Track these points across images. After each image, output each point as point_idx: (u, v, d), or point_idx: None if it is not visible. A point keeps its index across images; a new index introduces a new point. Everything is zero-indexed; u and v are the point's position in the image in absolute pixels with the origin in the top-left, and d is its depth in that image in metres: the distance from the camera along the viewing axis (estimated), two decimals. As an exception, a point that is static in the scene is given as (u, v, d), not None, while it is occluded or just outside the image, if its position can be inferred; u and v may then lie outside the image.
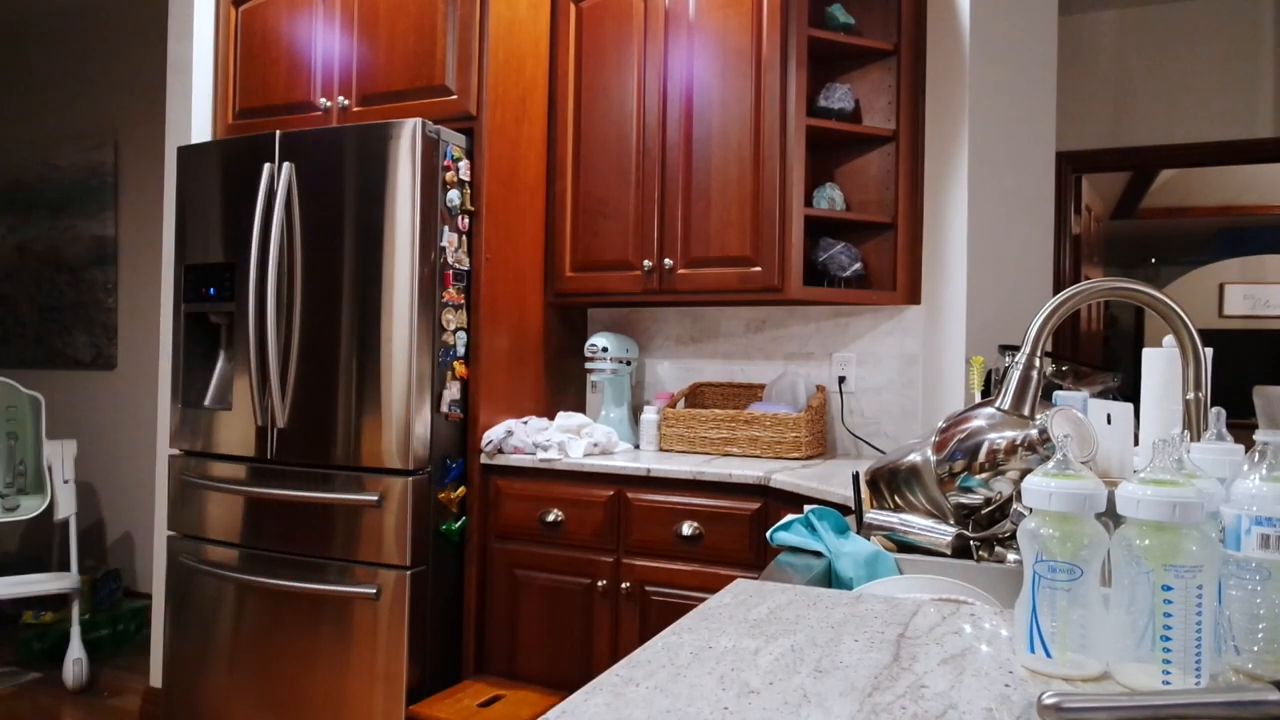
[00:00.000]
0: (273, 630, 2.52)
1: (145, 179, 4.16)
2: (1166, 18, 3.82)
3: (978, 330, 2.58)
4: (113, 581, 3.89)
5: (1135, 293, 1.12)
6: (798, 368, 2.88)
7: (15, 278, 4.54)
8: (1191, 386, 1.10)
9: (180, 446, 2.72)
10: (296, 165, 2.52)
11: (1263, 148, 3.74)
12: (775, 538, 1.39)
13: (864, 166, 2.75)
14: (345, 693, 2.41)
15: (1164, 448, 0.78)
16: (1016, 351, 1.10)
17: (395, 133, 2.41)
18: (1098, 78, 3.92)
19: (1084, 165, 4.02)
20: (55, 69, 4.51)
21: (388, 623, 2.37)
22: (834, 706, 0.72)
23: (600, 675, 0.80)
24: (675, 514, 2.34)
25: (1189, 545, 0.74)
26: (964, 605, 1.02)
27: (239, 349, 2.58)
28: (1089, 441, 1.22)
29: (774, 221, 2.51)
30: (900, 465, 1.43)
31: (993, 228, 2.68)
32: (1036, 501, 0.81)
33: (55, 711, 3.14)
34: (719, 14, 2.60)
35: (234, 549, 2.59)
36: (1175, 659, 0.74)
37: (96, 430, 4.22)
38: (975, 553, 1.30)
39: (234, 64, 2.93)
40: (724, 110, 2.59)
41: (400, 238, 2.40)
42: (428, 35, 2.61)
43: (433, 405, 2.46)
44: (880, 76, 2.72)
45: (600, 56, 2.78)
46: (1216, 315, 6.08)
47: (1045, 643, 0.80)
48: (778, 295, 2.53)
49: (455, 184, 2.51)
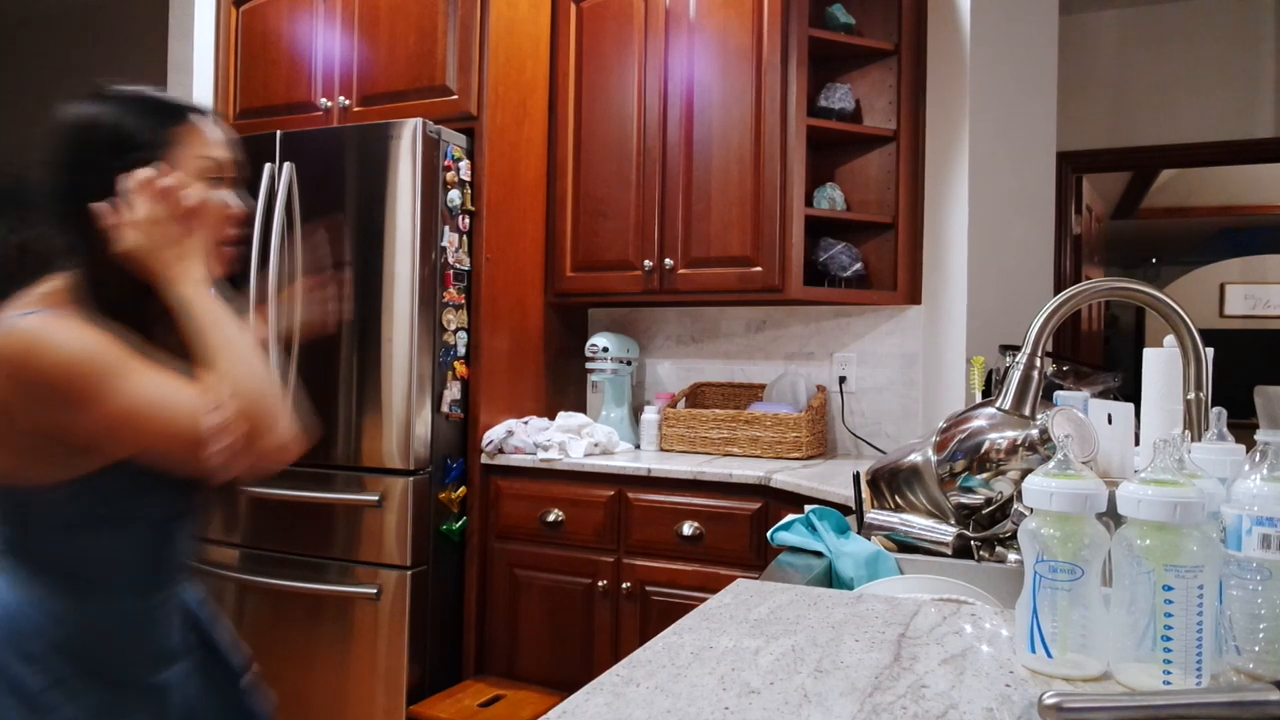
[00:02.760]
0: (273, 630, 2.52)
1: (146, 179, 4.16)
2: (1166, 18, 3.82)
3: (978, 330, 2.58)
4: (113, 581, 3.88)
5: (1136, 293, 1.12)
6: (798, 368, 2.88)
7: (16, 278, 4.54)
8: (1192, 386, 1.10)
9: (181, 446, 2.72)
10: (297, 165, 2.52)
11: (1263, 148, 3.74)
12: (776, 538, 1.39)
13: (864, 166, 2.75)
14: (346, 693, 2.41)
15: (1165, 448, 0.78)
16: (1017, 351, 1.10)
17: (396, 133, 2.41)
18: (1098, 78, 3.92)
19: (1084, 165, 4.02)
20: (55, 69, 4.51)
21: (388, 623, 2.37)
22: (834, 706, 0.72)
23: (601, 675, 0.80)
24: (676, 514, 2.34)
25: (1190, 545, 0.74)
26: (965, 605, 1.02)
27: (239, 349, 2.58)
28: (1090, 441, 1.22)
29: (774, 221, 2.51)
30: (901, 465, 1.43)
31: (993, 228, 2.68)
32: (1037, 501, 0.81)
33: (56, 711, 3.14)
34: (719, 14, 2.60)
35: (235, 549, 2.59)
36: (1176, 659, 0.74)
37: (97, 430, 4.22)
38: (976, 553, 1.30)
39: (234, 64, 2.93)
40: (724, 110, 2.59)
41: (401, 238, 2.40)
42: (428, 35, 2.61)
43: (433, 405, 2.46)
44: (880, 76, 2.72)
45: (601, 56, 2.78)
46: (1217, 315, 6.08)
47: (1046, 643, 0.80)
48: (778, 295, 2.53)
49: (456, 184, 2.51)
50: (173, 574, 1.11)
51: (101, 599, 1.03)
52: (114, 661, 1.03)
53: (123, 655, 1.05)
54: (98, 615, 1.03)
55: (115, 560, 1.04)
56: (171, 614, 1.11)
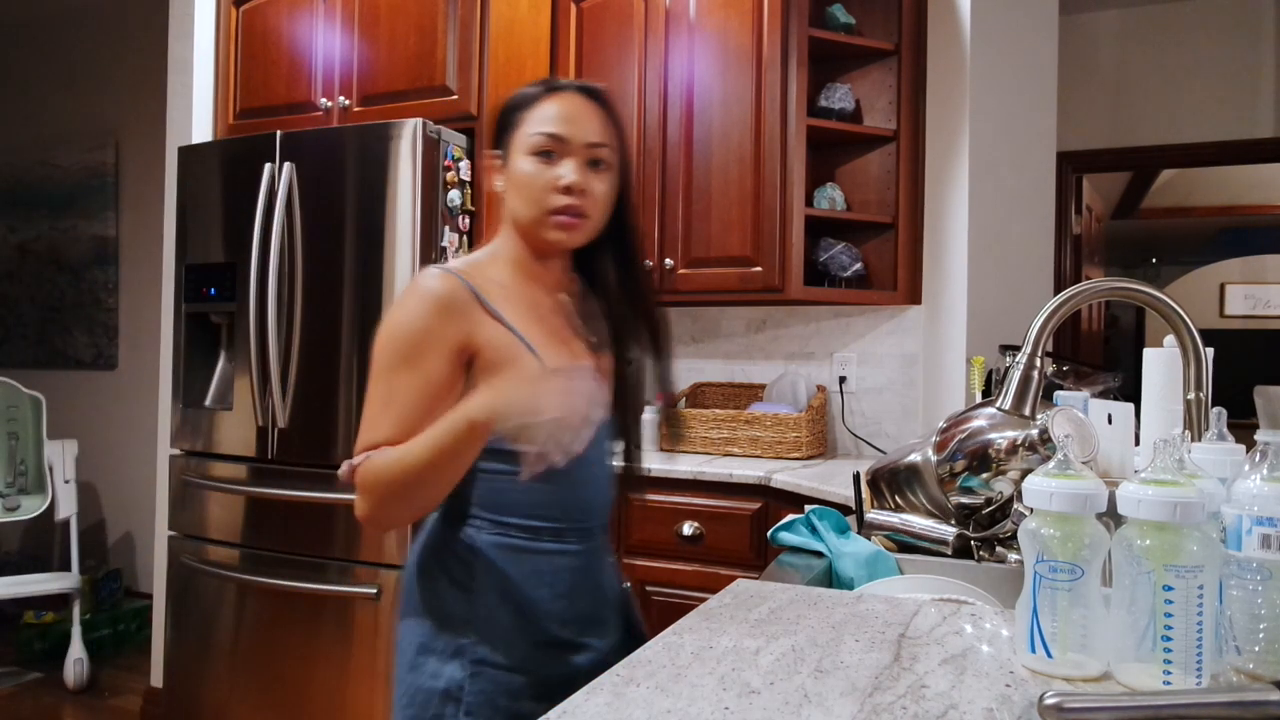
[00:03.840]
0: (273, 630, 2.52)
1: (146, 179, 4.16)
2: (1167, 17, 3.82)
3: (978, 330, 2.58)
4: (113, 581, 3.89)
5: (1136, 293, 1.12)
6: (798, 368, 2.88)
7: (16, 278, 4.54)
8: (1192, 386, 1.10)
9: (181, 446, 2.72)
10: (297, 165, 2.52)
11: (1263, 148, 3.74)
12: (776, 538, 1.39)
13: (864, 166, 2.75)
14: (346, 692, 2.41)
15: (1165, 448, 0.78)
16: (1017, 351, 1.10)
17: (396, 133, 2.41)
18: (1098, 78, 3.92)
19: (1084, 165, 4.02)
20: (55, 69, 4.51)
21: (388, 623, 2.37)
22: (835, 707, 0.72)
23: (600, 675, 0.80)
24: (676, 514, 2.34)
25: (1190, 545, 0.74)
26: (965, 605, 1.02)
27: (240, 349, 2.58)
28: (1090, 441, 1.22)
29: (775, 221, 2.51)
30: (901, 465, 1.43)
31: (993, 228, 2.68)
32: (1037, 501, 0.81)
33: (56, 711, 3.14)
34: (720, 14, 2.60)
35: (235, 549, 2.59)
36: (1176, 659, 0.74)
37: (97, 430, 4.22)
38: (976, 553, 1.30)
39: (235, 64, 2.93)
40: (724, 110, 2.59)
41: (401, 238, 2.40)
42: (428, 35, 2.61)
43: (433, 405, 2.46)
44: (881, 76, 2.72)
45: (601, 56, 2.78)
46: (1217, 315, 6.08)
47: (1046, 643, 0.80)
48: (778, 295, 2.53)
49: (456, 184, 2.51)
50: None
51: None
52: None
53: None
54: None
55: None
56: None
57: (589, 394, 0.98)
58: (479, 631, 1.10)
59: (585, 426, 0.97)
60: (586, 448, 1.00)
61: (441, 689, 1.08)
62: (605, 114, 1.19)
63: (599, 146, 1.16)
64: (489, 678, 1.08)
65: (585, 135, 1.15)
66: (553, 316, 1.20)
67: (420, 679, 1.10)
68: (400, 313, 1.11)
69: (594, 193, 1.16)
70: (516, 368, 1.08)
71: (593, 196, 1.16)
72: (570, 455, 0.96)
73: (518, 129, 1.17)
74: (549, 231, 1.15)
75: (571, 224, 1.15)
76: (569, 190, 1.13)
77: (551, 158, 1.15)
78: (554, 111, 1.15)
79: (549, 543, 1.14)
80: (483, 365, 1.10)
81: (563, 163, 1.14)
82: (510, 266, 1.20)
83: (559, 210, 1.14)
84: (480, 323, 1.10)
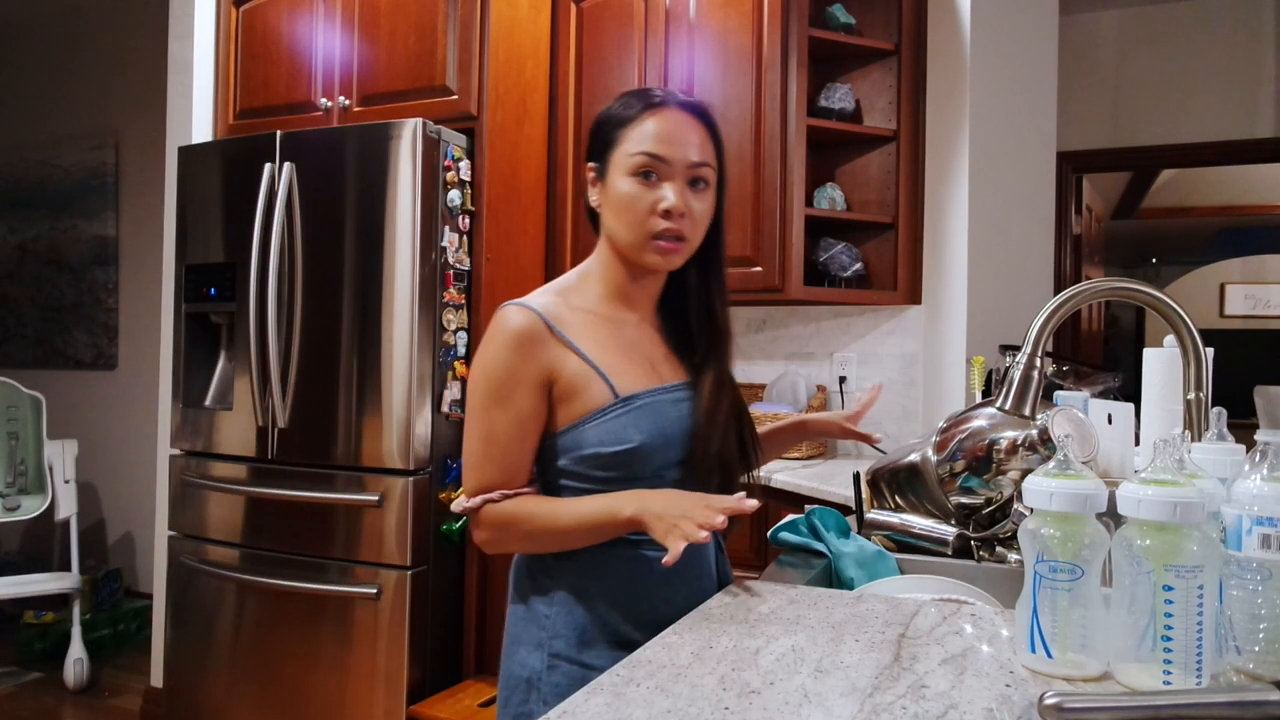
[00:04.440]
0: (273, 630, 2.52)
1: (145, 179, 4.16)
2: (1167, 18, 3.82)
3: (978, 330, 2.58)
4: (113, 581, 3.89)
5: (1136, 293, 1.12)
6: (798, 367, 2.88)
7: (16, 278, 4.54)
8: (1192, 386, 1.10)
9: (181, 446, 2.72)
10: (297, 165, 2.52)
11: (1263, 148, 3.74)
12: (776, 538, 1.39)
13: (864, 166, 2.75)
14: (346, 693, 2.41)
15: (1165, 448, 0.78)
16: (1017, 351, 1.10)
17: (396, 133, 2.41)
18: (1098, 78, 3.92)
19: (1084, 165, 4.02)
20: (55, 69, 4.51)
21: (388, 623, 2.37)
22: (835, 706, 0.72)
23: (600, 675, 0.80)
24: (676, 514, 2.34)
25: (1190, 545, 0.74)
26: (965, 605, 1.02)
27: (240, 349, 2.58)
28: (1090, 441, 1.22)
29: (775, 221, 2.51)
30: (901, 465, 1.44)
31: (993, 228, 2.68)
32: (1037, 501, 0.81)
33: (56, 711, 3.14)
34: (719, 14, 2.60)
35: (235, 549, 2.59)
36: (1176, 659, 0.74)
37: (97, 430, 4.22)
38: (976, 553, 1.30)
39: (234, 64, 2.93)
40: (724, 110, 2.59)
41: (401, 238, 2.40)
42: (428, 35, 2.61)
43: (433, 405, 2.46)
44: (881, 76, 2.72)
45: (601, 56, 2.78)
46: (1217, 315, 6.07)
47: (1046, 643, 0.80)
48: (778, 295, 2.53)
49: (456, 184, 2.51)
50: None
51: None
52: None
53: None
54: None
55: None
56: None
57: (724, 506, 1.02)
58: (557, 626, 1.14)
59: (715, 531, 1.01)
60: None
61: (525, 677, 1.14)
62: (706, 130, 1.16)
63: (701, 166, 1.14)
64: (564, 671, 1.12)
65: (687, 155, 1.12)
66: (639, 339, 1.19)
67: (512, 665, 1.17)
68: (487, 351, 1.13)
69: (694, 214, 1.13)
70: (587, 396, 1.11)
71: (692, 218, 1.13)
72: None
73: (617, 146, 1.14)
74: (648, 255, 1.14)
75: (672, 249, 1.13)
76: (669, 214, 1.11)
77: (652, 178, 1.12)
78: (655, 129, 1.12)
79: (650, 550, 1.12)
80: (559, 394, 1.12)
81: (664, 185, 1.12)
82: (602, 287, 1.19)
83: (660, 234, 1.12)
84: (557, 354, 1.11)
